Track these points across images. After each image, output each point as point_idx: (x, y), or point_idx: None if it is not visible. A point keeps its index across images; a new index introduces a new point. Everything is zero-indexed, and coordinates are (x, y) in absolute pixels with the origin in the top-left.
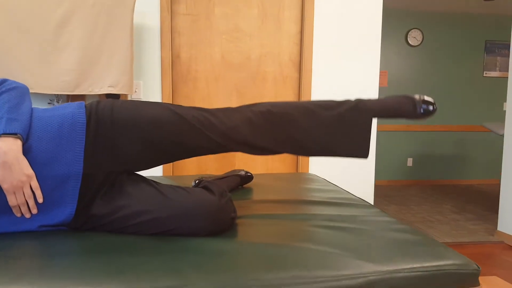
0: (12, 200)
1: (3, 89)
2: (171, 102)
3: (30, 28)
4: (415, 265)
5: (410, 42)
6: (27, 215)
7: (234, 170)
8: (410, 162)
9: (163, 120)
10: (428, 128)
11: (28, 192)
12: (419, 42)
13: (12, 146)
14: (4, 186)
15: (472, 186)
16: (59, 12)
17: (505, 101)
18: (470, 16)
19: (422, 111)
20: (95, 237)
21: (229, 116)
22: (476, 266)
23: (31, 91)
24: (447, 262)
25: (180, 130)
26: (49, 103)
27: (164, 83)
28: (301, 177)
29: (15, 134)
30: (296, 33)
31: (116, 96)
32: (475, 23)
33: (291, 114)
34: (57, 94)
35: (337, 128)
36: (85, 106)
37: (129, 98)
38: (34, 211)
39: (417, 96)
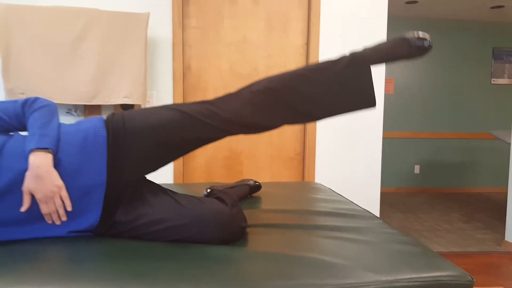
0: (44, 209)
1: (36, 107)
2: None
3: (50, 41)
4: (413, 276)
5: None
6: (58, 222)
7: (244, 180)
8: (417, 169)
9: (170, 121)
10: (435, 136)
11: (58, 201)
12: None
13: (43, 160)
14: (37, 196)
15: (481, 194)
16: (78, 26)
17: None
18: (478, 23)
19: (417, 49)
20: (117, 242)
21: (229, 102)
22: (470, 277)
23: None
24: (443, 273)
25: (187, 126)
26: (67, 112)
27: (176, 93)
28: (307, 187)
29: (46, 148)
30: (302, 45)
31: (130, 106)
32: (483, 30)
33: (289, 85)
34: (75, 104)
35: (338, 87)
36: (105, 121)
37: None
38: (64, 218)
39: (411, 34)
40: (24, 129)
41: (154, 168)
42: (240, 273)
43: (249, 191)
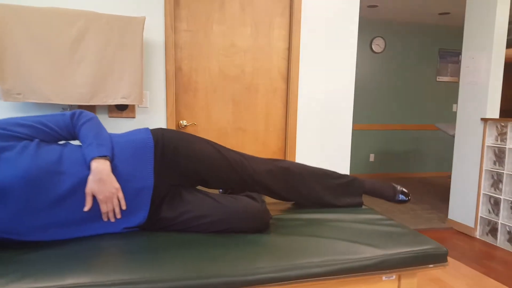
0: (104, 208)
1: (84, 119)
2: (174, 111)
3: (48, 42)
4: (407, 249)
5: (374, 49)
6: (113, 220)
7: None
8: (372, 157)
9: (210, 156)
10: (388, 127)
11: (116, 201)
12: (382, 49)
13: (104, 166)
14: (99, 197)
15: (426, 179)
16: (75, 28)
17: (455, 103)
18: (427, 26)
19: (399, 198)
20: (172, 236)
21: (258, 163)
22: (445, 249)
23: (49, 101)
24: (427, 246)
25: (220, 165)
26: (63, 109)
27: (169, 93)
28: None
29: (105, 156)
30: (284, 50)
31: (125, 107)
32: (431, 33)
33: (303, 175)
34: (71, 104)
35: (336, 193)
36: (151, 132)
37: (136, 108)
38: (119, 216)
39: (398, 187)
40: (73, 139)
41: (188, 185)
42: (283, 253)
43: None
